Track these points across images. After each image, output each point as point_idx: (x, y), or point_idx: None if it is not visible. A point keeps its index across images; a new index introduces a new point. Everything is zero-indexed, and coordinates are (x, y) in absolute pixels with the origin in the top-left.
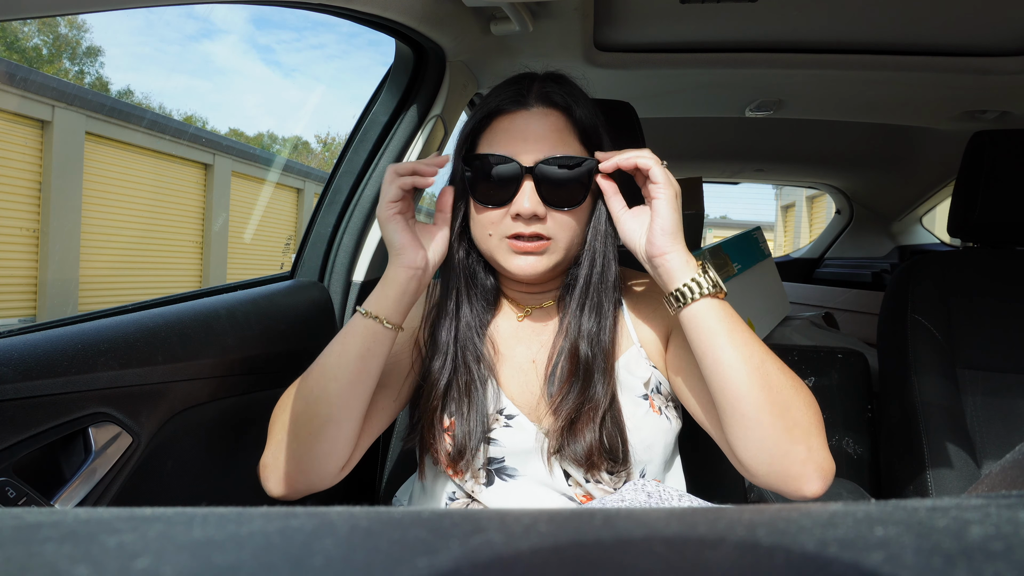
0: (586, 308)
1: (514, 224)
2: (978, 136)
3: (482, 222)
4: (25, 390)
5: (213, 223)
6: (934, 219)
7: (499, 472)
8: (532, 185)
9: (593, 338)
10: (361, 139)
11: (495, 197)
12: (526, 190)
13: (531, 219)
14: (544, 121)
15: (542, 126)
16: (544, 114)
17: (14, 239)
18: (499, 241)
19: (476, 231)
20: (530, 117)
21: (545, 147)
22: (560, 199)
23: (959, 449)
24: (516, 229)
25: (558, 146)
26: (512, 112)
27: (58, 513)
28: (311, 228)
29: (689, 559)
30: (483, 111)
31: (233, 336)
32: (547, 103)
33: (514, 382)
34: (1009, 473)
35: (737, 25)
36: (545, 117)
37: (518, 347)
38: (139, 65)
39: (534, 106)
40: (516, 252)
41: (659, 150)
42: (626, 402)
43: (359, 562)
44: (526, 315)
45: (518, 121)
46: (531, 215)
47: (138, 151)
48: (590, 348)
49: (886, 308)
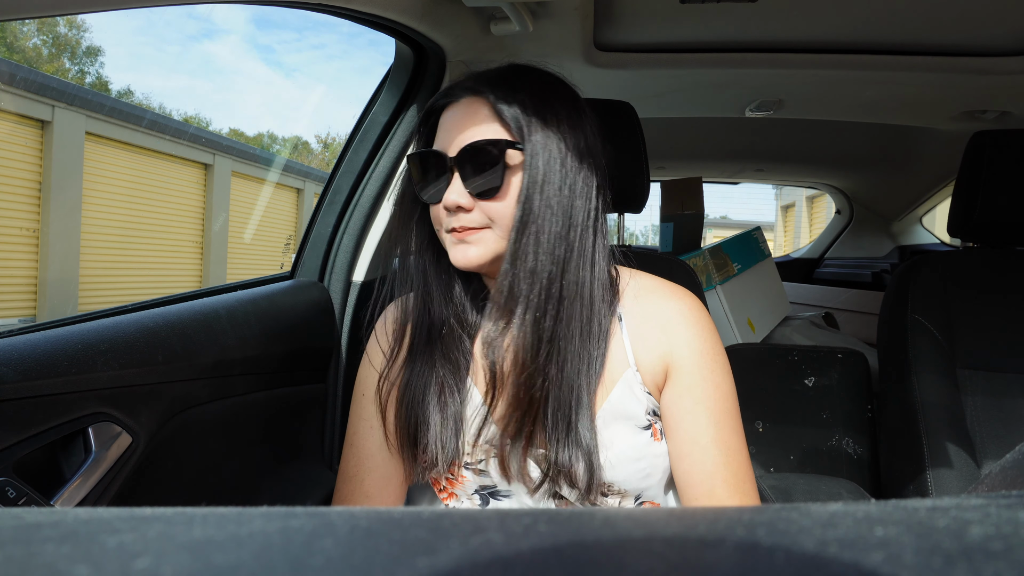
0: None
1: (450, 218)
2: (978, 136)
3: (433, 220)
4: (25, 390)
5: (213, 223)
6: (934, 219)
7: (493, 495)
8: (458, 176)
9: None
10: (361, 139)
11: (433, 193)
12: (453, 182)
13: (457, 210)
14: (468, 110)
15: (468, 115)
16: (469, 103)
17: (14, 239)
18: (446, 235)
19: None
20: (457, 108)
21: (467, 136)
22: (480, 187)
23: (959, 449)
24: (450, 223)
25: (481, 133)
26: (445, 107)
27: (58, 513)
28: (311, 228)
29: (689, 559)
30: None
31: (233, 336)
32: (472, 92)
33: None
34: (1009, 473)
35: (737, 25)
36: (470, 106)
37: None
38: (139, 65)
39: (462, 97)
40: (456, 242)
41: (659, 150)
42: (624, 433)
43: (359, 562)
44: None
45: (447, 114)
46: (455, 206)
47: (138, 151)
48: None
49: (886, 308)
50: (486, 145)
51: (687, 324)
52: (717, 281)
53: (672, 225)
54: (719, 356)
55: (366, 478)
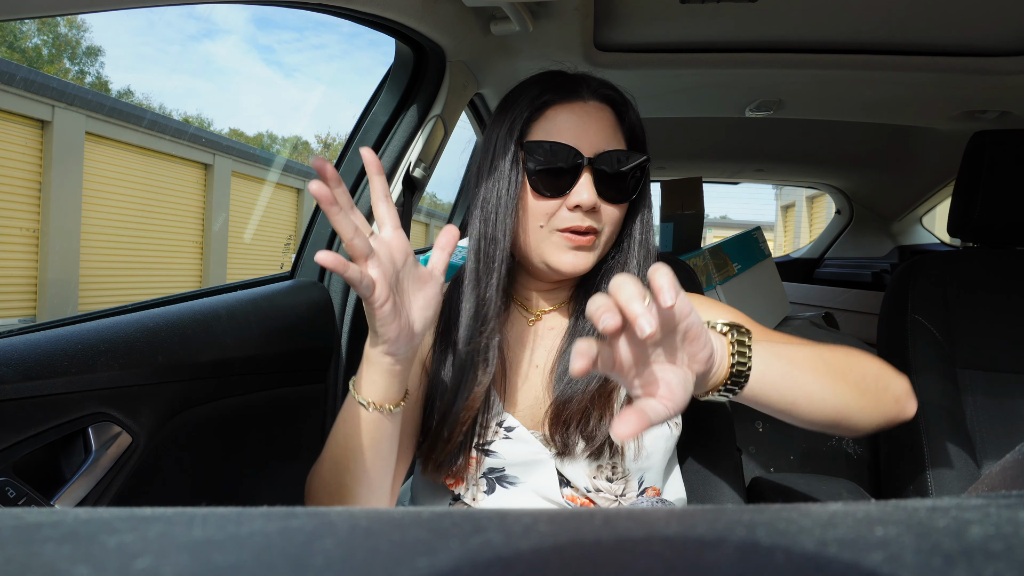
0: None
1: (570, 216)
2: (978, 136)
3: (535, 212)
4: (25, 390)
5: (213, 223)
6: (934, 219)
7: (500, 480)
8: (590, 176)
9: None
10: (361, 139)
11: (554, 187)
12: (585, 181)
13: (589, 211)
14: (600, 115)
15: (599, 119)
16: (599, 108)
17: (14, 239)
18: (550, 233)
19: (529, 222)
20: (587, 109)
21: (602, 140)
22: (614, 192)
23: (959, 449)
24: (572, 221)
25: (612, 141)
26: (568, 103)
27: (58, 513)
28: (311, 228)
29: (689, 559)
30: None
31: (233, 336)
32: (602, 98)
33: (518, 390)
34: (1009, 473)
35: (737, 25)
36: (600, 111)
37: (522, 353)
38: (140, 65)
39: (590, 99)
40: (569, 247)
41: (659, 150)
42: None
43: (359, 562)
44: (537, 319)
45: (576, 111)
46: (591, 206)
47: (138, 151)
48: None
49: (886, 308)
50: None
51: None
52: (717, 281)
53: (672, 225)
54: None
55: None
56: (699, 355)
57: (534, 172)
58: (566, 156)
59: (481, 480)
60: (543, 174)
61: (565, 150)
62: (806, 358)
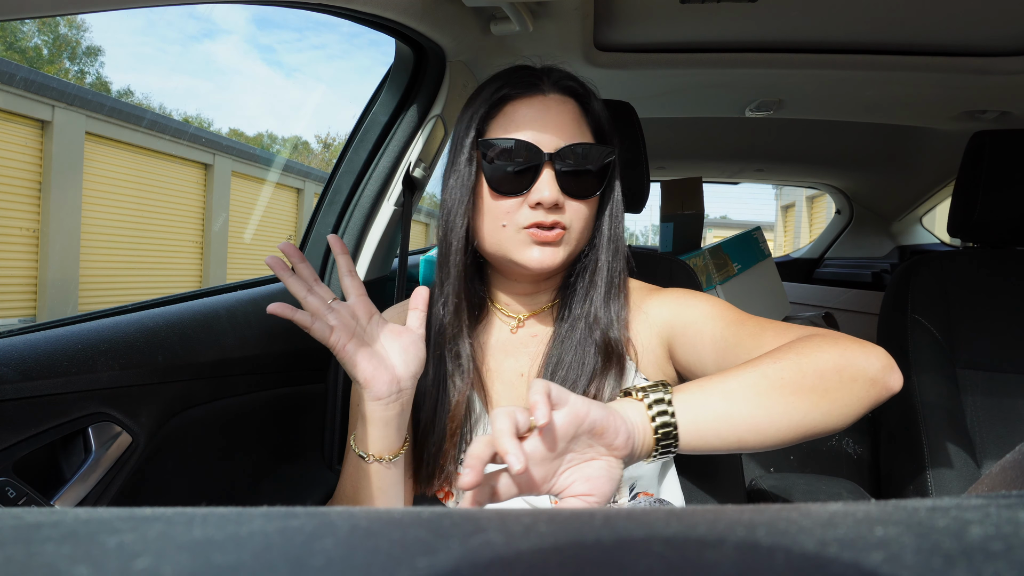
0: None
1: (533, 213)
2: (978, 136)
3: (496, 212)
4: (25, 390)
5: (213, 223)
6: (934, 219)
7: None
8: (552, 173)
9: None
10: (361, 139)
11: (513, 185)
12: (547, 178)
13: (552, 208)
14: (562, 108)
15: (561, 113)
16: (561, 101)
17: (14, 239)
18: (515, 232)
19: (487, 223)
20: (548, 103)
21: (564, 134)
22: (579, 188)
23: (959, 449)
24: (536, 218)
25: (575, 134)
26: (527, 97)
27: (58, 513)
28: (311, 228)
29: (689, 559)
30: (492, 96)
31: (233, 336)
32: (563, 91)
33: (503, 399)
34: (1009, 473)
35: (737, 25)
36: (562, 104)
37: (507, 360)
38: (140, 65)
39: (550, 92)
40: (534, 243)
41: (659, 150)
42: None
43: (359, 562)
44: (519, 324)
45: (535, 106)
46: (553, 203)
47: (138, 151)
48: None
49: (886, 308)
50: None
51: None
52: (717, 281)
53: (672, 225)
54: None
55: None
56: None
57: (492, 171)
58: (525, 153)
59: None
60: (501, 172)
61: (524, 147)
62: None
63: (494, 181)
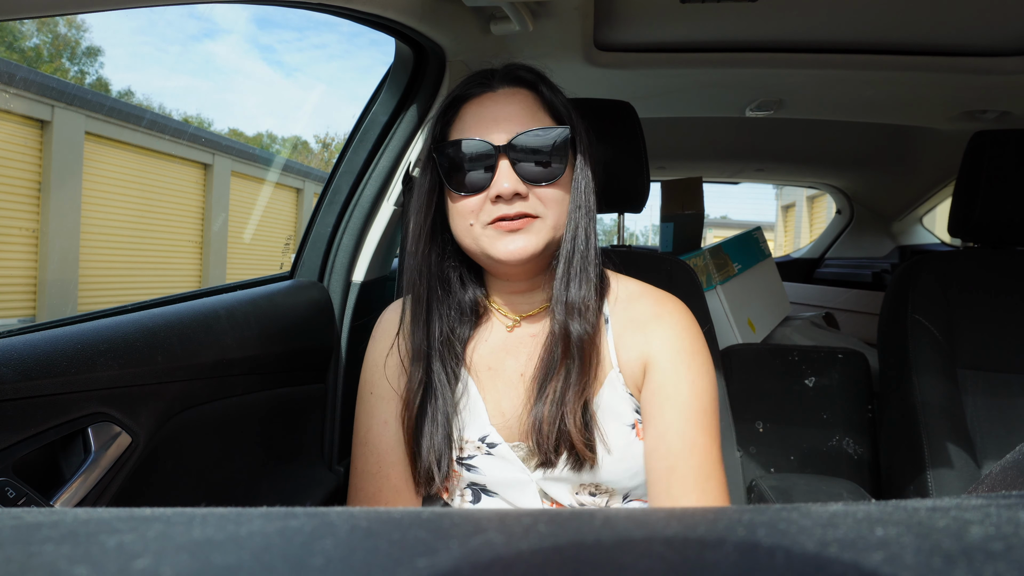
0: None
1: (495, 207)
2: (978, 136)
3: (461, 212)
4: (25, 390)
5: (213, 223)
6: (934, 219)
7: (483, 491)
8: (508, 164)
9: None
10: (361, 139)
11: (471, 183)
12: (503, 170)
13: (513, 199)
14: (512, 99)
15: (511, 104)
16: (511, 94)
17: (14, 239)
18: (482, 229)
19: (456, 224)
20: (497, 98)
21: (516, 124)
22: (539, 174)
23: (959, 449)
24: (499, 212)
25: (529, 122)
26: (478, 96)
27: (58, 513)
28: (311, 228)
29: (689, 559)
30: (447, 101)
31: (233, 336)
32: (513, 83)
33: (503, 401)
34: (1009, 473)
35: (737, 25)
36: (512, 96)
37: (508, 360)
38: (140, 65)
39: (500, 87)
40: (503, 233)
41: (659, 150)
42: (612, 431)
43: (359, 562)
44: (516, 324)
45: (486, 103)
46: (512, 194)
47: (138, 151)
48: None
49: (886, 308)
50: (545, 134)
51: (665, 325)
52: (717, 281)
53: (672, 225)
54: (698, 356)
55: (391, 472)
56: None
57: (447, 173)
58: (476, 150)
59: (466, 490)
60: (456, 173)
61: (473, 145)
62: None
63: (453, 182)
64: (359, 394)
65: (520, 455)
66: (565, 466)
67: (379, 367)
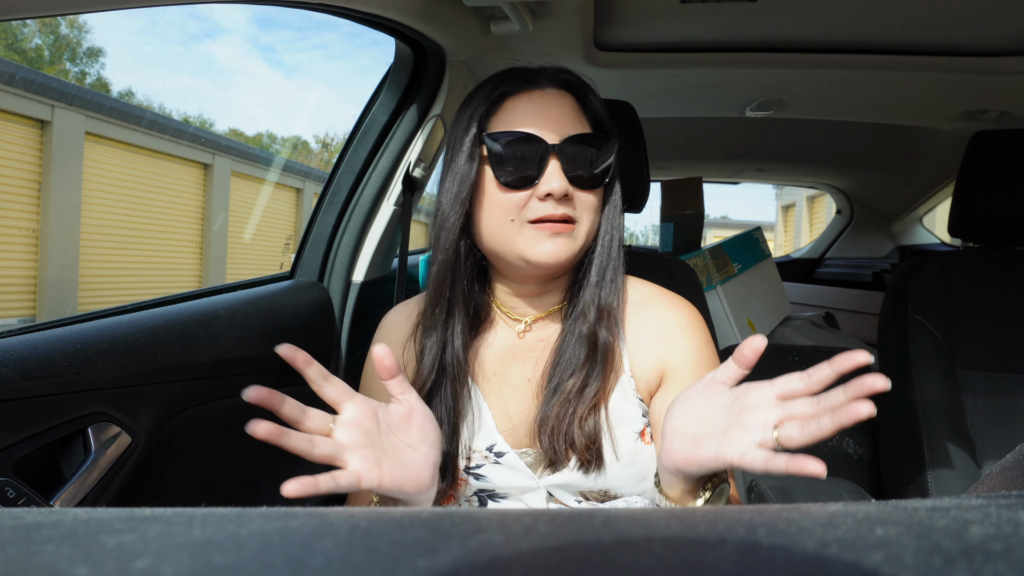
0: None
1: (542, 205)
2: (978, 136)
3: (504, 206)
4: (25, 390)
5: (213, 223)
6: (934, 219)
7: (491, 498)
8: (558, 164)
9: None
10: (361, 139)
11: (521, 178)
12: (554, 169)
13: (561, 199)
14: (561, 101)
15: (560, 106)
16: (559, 95)
17: (14, 239)
18: (522, 227)
19: (491, 219)
20: (547, 97)
21: (566, 126)
22: (585, 179)
23: (959, 449)
24: (545, 211)
25: (576, 126)
26: (525, 92)
27: (58, 513)
28: (311, 228)
29: (689, 559)
30: (491, 94)
31: (232, 336)
32: (560, 85)
33: (509, 407)
34: (1009, 473)
35: (737, 25)
36: (561, 98)
37: (514, 365)
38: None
39: (547, 87)
40: (545, 235)
41: (659, 150)
42: (622, 437)
43: (359, 562)
44: (526, 329)
45: (535, 100)
46: (563, 194)
47: (138, 151)
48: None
49: (886, 308)
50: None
51: (684, 333)
52: (717, 281)
53: (672, 225)
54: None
55: None
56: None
57: (498, 164)
58: (531, 144)
59: (473, 498)
60: (507, 165)
61: (528, 138)
62: None
63: (501, 175)
64: (360, 388)
65: (527, 461)
66: (573, 469)
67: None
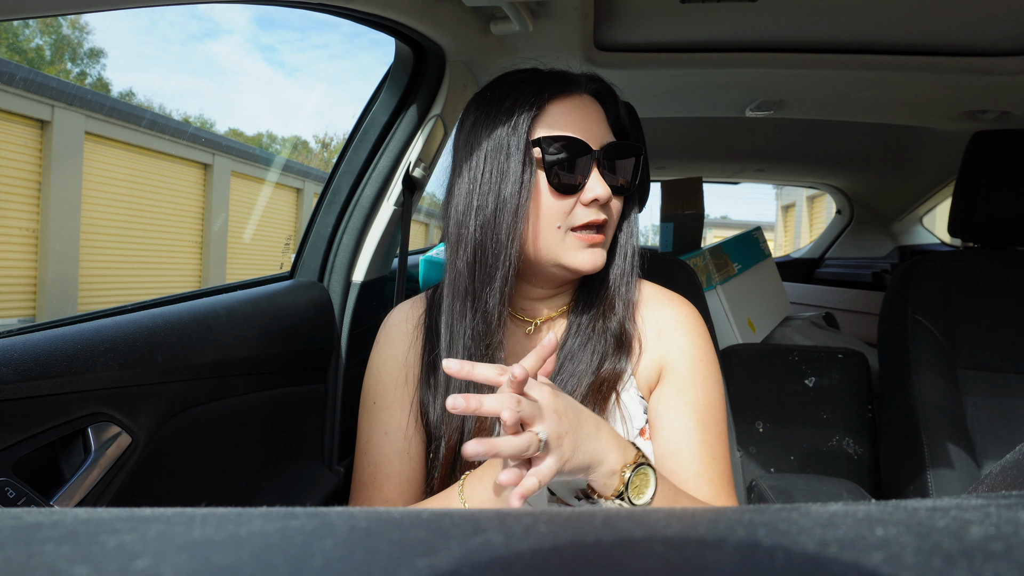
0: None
1: (587, 211)
2: (978, 136)
3: (555, 212)
4: (24, 390)
5: (212, 223)
6: (934, 219)
7: None
8: (599, 169)
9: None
10: (361, 139)
11: (570, 184)
12: (597, 175)
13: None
14: (596, 108)
15: (596, 113)
16: (592, 101)
17: (14, 239)
18: (565, 234)
19: (542, 225)
20: (586, 103)
21: (603, 133)
22: (619, 185)
23: (959, 449)
24: (589, 216)
25: (608, 135)
26: (567, 96)
27: (58, 513)
28: (311, 228)
29: (689, 559)
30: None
31: (232, 336)
32: (591, 92)
33: None
34: (1009, 473)
35: (737, 25)
36: (595, 105)
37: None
38: (141, 65)
39: (584, 92)
40: (584, 246)
41: (659, 150)
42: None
43: (359, 562)
44: (535, 329)
45: (576, 104)
46: (608, 199)
47: (138, 151)
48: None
49: (886, 308)
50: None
51: (683, 331)
52: (717, 281)
53: (672, 225)
54: (712, 365)
55: (384, 484)
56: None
57: (554, 169)
58: (579, 150)
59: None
60: (561, 171)
61: (578, 144)
62: None
63: (555, 180)
64: (362, 402)
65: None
66: None
67: (381, 375)
